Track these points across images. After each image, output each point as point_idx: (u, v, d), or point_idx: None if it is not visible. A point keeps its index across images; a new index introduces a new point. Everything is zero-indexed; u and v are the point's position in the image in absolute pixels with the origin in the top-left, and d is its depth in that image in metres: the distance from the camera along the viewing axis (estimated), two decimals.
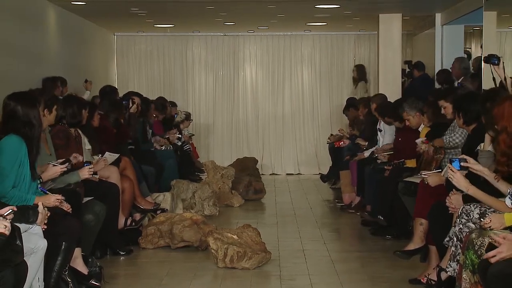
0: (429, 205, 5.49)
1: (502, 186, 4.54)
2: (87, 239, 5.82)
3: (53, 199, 5.00)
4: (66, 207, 5.08)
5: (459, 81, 9.32)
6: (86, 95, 9.65)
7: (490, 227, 4.20)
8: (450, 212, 5.01)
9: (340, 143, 9.93)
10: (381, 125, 8.64)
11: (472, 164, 4.65)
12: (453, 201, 4.95)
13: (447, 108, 6.64)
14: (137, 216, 7.31)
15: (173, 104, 11.97)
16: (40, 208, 4.48)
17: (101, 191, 6.26)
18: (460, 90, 8.64)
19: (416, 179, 6.46)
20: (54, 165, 5.36)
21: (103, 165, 6.61)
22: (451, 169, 4.60)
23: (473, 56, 13.30)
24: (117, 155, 6.96)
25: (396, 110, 7.78)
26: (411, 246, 6.10)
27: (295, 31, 14.29)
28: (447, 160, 5.58)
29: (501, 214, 4.25)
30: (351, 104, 11.15)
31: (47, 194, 5.14)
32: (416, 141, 6.96)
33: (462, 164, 4.64)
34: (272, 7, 10.51)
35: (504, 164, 4.49)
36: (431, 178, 5.82)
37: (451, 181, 4.67)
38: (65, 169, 5.40)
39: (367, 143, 9.12)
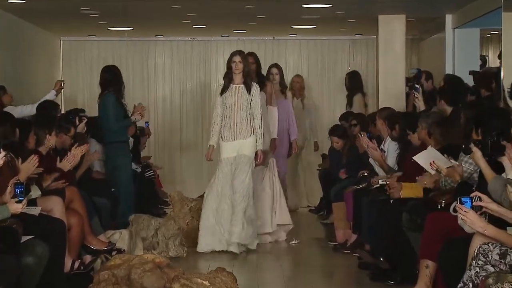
0: (438, 243, 5.49)
1: None
2: (27, 286, 5.77)
3: None
4: None
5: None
6: (52, 95, 9.25)
7: None
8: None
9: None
10: (385, 145, 8.54)
11: (486, 202, 4.68)
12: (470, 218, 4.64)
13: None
14: (87, 258, 7.27)
15: None
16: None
17: (43, 228, 6.21)
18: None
19: None
20: None
21: (35, 163, 6.50)
22: (461, 209, 4.62)
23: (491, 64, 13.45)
24: None
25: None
26: None
27: (278, 35, 14.38)
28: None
29: None
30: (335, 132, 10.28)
31: None
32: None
33: (474, 203, 4.66)
34: (250, 7, 10.55)
35: None
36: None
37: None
38: (5, 157, 5.38)
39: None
